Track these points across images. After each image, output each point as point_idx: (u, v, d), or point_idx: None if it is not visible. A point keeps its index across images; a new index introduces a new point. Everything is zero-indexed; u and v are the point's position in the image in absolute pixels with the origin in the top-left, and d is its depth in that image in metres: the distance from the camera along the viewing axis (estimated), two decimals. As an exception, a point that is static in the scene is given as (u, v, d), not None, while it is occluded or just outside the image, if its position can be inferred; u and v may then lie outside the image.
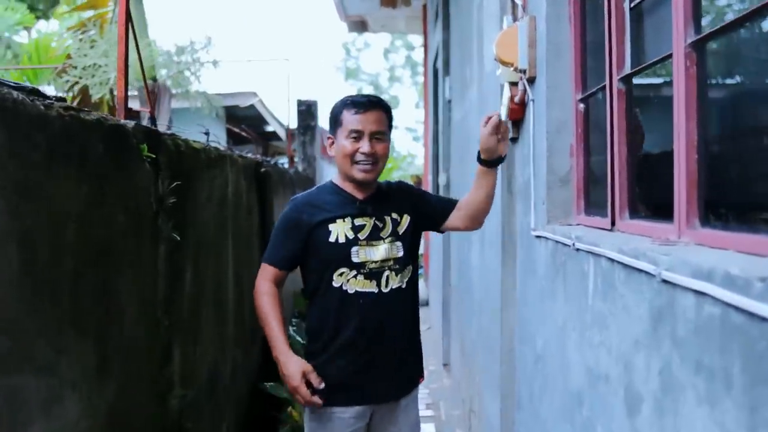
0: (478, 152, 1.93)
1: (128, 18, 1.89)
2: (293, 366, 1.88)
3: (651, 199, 1.33)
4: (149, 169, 1.90)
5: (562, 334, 1.57)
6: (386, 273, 1.92)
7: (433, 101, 6.52)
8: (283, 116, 10.89)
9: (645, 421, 1.06)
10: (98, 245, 1.56)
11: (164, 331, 2.02)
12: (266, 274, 1.99)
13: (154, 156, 1.88)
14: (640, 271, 1.06)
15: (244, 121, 9.99)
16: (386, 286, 1.92)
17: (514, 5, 2.01)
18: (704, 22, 1.07)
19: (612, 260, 1.20)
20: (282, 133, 11.35)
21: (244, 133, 5.30)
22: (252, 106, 9.12)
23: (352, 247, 1.90)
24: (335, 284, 1.91)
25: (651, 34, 1.32)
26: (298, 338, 4.37)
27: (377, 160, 1.90)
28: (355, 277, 1.90)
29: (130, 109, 2.14)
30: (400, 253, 1.96)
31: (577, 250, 1.42)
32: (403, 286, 1.96)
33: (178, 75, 4.60)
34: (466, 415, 3.72)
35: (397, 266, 1.94)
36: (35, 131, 1.27)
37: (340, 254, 1.90)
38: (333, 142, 1.96)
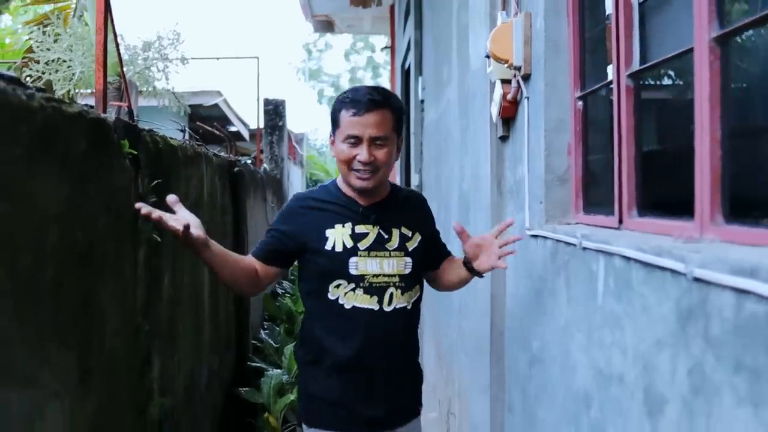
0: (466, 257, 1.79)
1: (107, 7, 1.79)
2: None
3: (662, 197, 1.32)
4: (129, 167, 1.80)
5: (564, 336, 1.54)
6: (390, 290, 1.73)
7: (403, 102, 6.49)
8: (247, 116, 10.73)
9: (670, 422, 1.03)
10: (80, 249, 1.46)
11: (144, 339, 1.92)
12: None
13: (135, 152, 1.79)
14: (664, 269, 1.04)
15: (207, 120, 9.87)
16: (389, 304, 1.73)
17: (505, 0, 1.98)
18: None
19: (628, 259, 1.17)
20: (246, 134, 11.18)
21: (216, 132, 5.16)
22: (216, 106, 8.96)
23: (351, 257, 1.71)
24: (331, 297, 1.73)
25: (662, 29, 1.31)
26: (271, 341, 4.28)
27: (377, 168, 1.69)
28: (353, 290, 1.72)
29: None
30: (408, 270, 1.76)
31: (584, 248, 1.39)
32: (409, 307, 1.78)
33: (144, 71, 4.43)
34: (443, 417, 3.69)
35: (404, 284, 1.76)
36: (18, 123, 1.18)
37: (337, 265, 1.72)
38: (334, 142, 1.76)
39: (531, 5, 1.82)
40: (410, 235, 1.80)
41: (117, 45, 2.20)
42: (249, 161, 6.91)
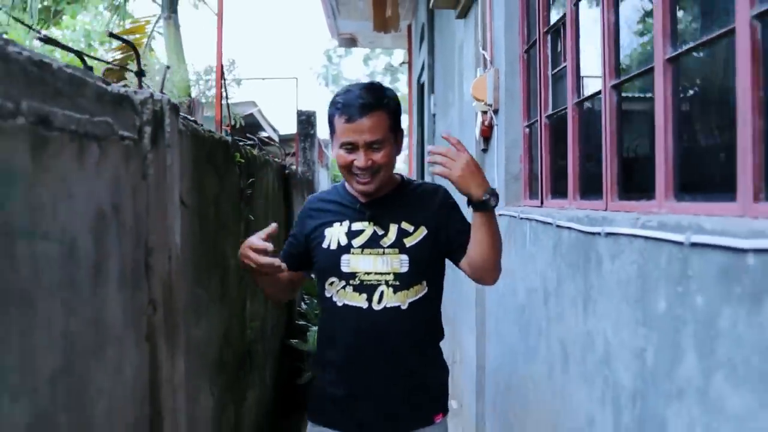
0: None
1: (222, 72, 2.76)
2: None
3: (560, 187, 2.26)
4: (237, 171, 2.79)
5: (513, 275, 2.49)
6: (381, 288, 1.70)
7: (418, 113, 7.45)
8: (279, 124, 11.82)
9: (552, 306, 1.98)
10: (220, 220, 2.45)
11: (243, 285, 2.90)
12: None
13: (243, 161, 2.77)
14: (548, 224, 1.99)
15: (243, 128, 10.87)
16: (379, 302, 1.70)
17: (484, 59, 2.93)
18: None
19: (538, 221, 2.12)
20: (275, 138, 12.26)
21: (271, 143, 6.17)
22: (251, 115, 10.00)
23: (343, 254, 1.73)
24: (327, 294, 1.77)
25: (560, 91, 2.25)
26: (311, 309, 5.26)
27: (376, 170, 1.68)
28: (344, 288, 1.73)
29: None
30: (404, 269, 1.71)
31: (521, 219, 2.34)
32: (404, 306, 1.71)
33: (206, 91, 5.48)
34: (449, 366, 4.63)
35: (398, 282, 1.71)
36: (204, 147, 2.16)
37: (331, 262, 1.74)
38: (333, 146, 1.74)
39: (498, 64, 2.77)
40: (411, 231, 1.74)
41: (226, 87, 3.18)
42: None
